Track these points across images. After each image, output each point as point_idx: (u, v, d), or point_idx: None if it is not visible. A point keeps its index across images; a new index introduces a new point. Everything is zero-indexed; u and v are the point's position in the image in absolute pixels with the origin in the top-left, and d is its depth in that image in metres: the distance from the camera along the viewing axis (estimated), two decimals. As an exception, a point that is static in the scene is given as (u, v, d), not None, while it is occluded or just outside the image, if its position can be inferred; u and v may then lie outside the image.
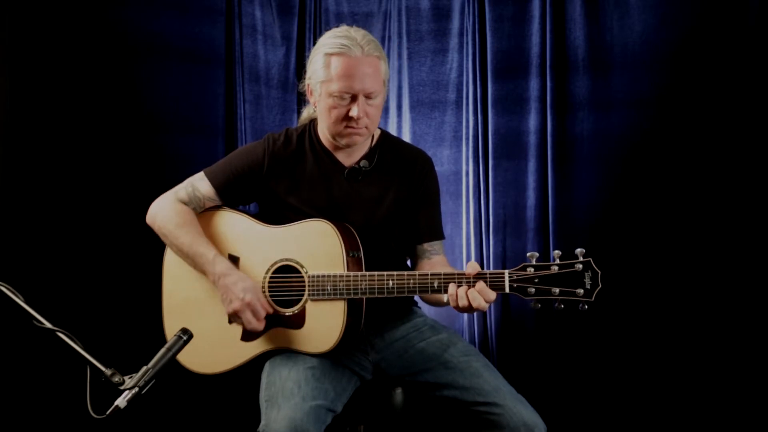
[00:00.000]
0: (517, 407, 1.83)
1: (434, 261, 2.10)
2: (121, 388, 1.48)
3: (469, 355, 1.96)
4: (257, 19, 3.21)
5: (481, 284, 1.76)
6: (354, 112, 1.91)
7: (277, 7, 3.25)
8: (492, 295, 1.76)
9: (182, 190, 2.05)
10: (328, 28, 3.18)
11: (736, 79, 2.86)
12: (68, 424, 2.66)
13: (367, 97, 1.93)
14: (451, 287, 1.78)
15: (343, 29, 1.97)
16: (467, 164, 3.16)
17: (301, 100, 3.25)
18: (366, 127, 1.97)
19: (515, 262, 3.07)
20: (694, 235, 2.91)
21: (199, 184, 2.05)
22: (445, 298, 1.82)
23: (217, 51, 3.13)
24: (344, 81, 1.90)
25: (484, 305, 1.76)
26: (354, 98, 1.92)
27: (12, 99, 2.77)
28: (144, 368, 1.51)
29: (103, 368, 1.49)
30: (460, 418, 1.90)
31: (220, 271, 1.93)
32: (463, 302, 1.76)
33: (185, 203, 2.04)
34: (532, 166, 3.10)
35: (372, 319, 2.00)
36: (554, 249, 3.01)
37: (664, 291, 2.92)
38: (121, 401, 1.46)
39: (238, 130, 3.16)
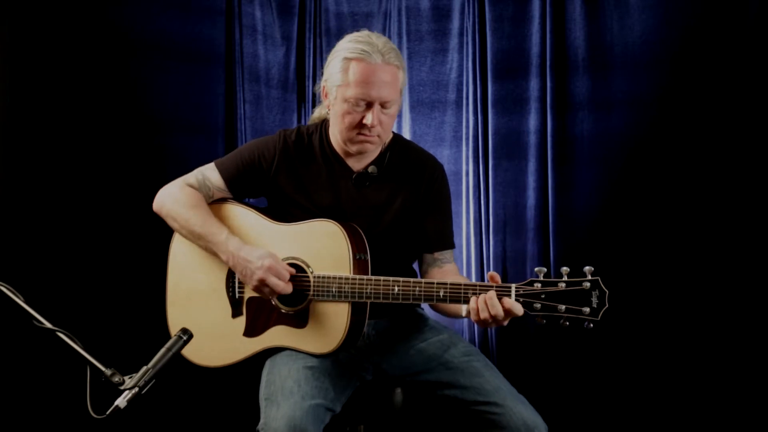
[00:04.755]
0: (517, 407, 1.83)
1: (446, 270, 2.08)
2: (121, 388, 1.48)
3: (470, 355, 1.96)
4: (257, 19, 3.21)
5: (506, 299, 1.72)
6: (368, 119, 1.89)
7: (277, 7, 3.24)
8: (519, 308, 1.71)
9: (191, 177, 2.05)
10: (328, 27, 3.26)
11: (736, 79, 2.85)
12: (68, 424, 2.66)
13: (383, 105, 1.91)
14: (473, 300, 1.74)
15: (365, 34, 1.94)
16: (467, 164, 3.16)
17: (302, 100, 3.27)
18: (378, 136, 1.95)
19: (515, 262, 3.11)
20: (694, 235, 2.90)
21: (210, 173, 2.04)
22: (463, 311, 1.80)
23: (217, 51, 3.13)
24: (361, 87, 1.88)
25: (501, 313, 1.70)
26: (369, 105, 1.90)
27: (12, 99, 2.77)
28: (144, 368, 1.51)
29: (103, 368, 1.49)
30: (461, 418, 1.90)
31: (234, 247, 1.91)
32: (484, 314, 1.72)
33: (195, 189, 2.03)
34: (532, 166, 3.10)
35: (373, 320, 2.00)
36: (554, 249, 3.04)
37: (663, 291, 2.92)
38: (121, 401, 1.46)
39: (238, 130, 3.16)
